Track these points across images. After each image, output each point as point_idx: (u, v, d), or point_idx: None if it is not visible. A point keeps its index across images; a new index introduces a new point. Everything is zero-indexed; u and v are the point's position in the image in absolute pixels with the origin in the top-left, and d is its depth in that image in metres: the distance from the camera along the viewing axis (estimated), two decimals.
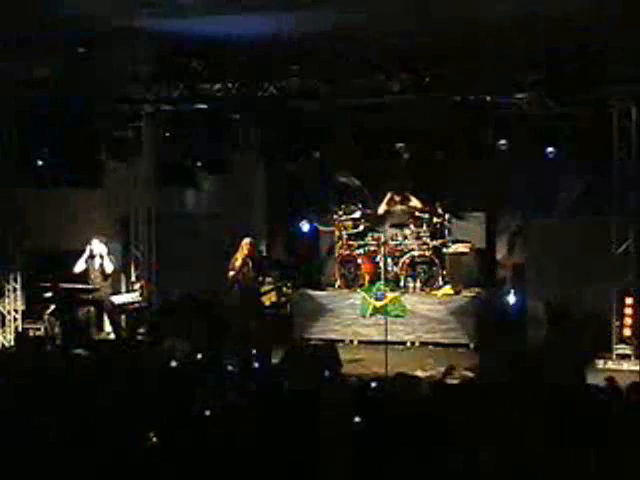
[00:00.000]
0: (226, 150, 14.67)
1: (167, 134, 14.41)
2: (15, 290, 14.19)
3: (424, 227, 14.34)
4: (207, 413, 6.59)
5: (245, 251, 12.69)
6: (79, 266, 13.58)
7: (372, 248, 14.44)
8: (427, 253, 14.18)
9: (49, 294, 13.48)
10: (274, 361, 10.65)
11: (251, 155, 15.44)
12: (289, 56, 13.08)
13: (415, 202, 14.44)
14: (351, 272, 14.51)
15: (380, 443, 5.79)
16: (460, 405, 6.86)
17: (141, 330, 13.90)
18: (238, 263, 12.75)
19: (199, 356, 9.87)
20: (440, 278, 14.09)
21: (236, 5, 10.73)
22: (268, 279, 13.06)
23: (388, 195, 14.55)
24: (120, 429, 6.17)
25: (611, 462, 5.69)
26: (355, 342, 13.90)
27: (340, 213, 14.79)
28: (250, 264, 12.75)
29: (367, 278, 14.24)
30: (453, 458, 5.62)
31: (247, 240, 12.84)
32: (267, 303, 13.03)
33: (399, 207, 14.52)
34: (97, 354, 10.88)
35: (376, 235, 14.46)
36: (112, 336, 13.85)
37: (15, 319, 14.15)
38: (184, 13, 11.04)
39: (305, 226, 15.27)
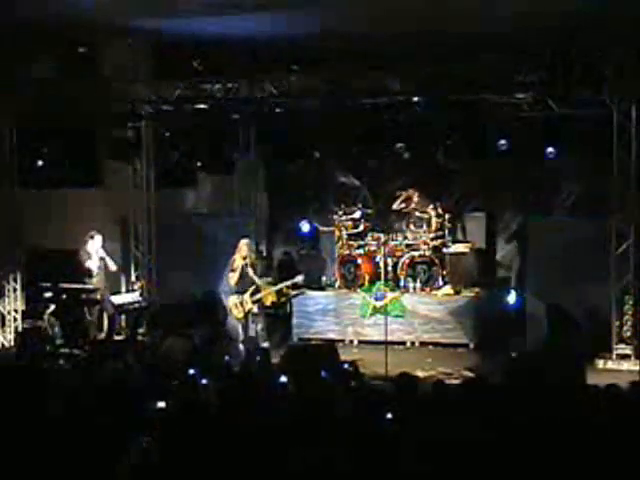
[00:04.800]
0: (226, 150, 14.68)
1: (167, 134, 14.41)
2: (15, 290, 14.20)
3: (424, 227, 14.35)
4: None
5: (243, 252, 12.70)
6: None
7: (372, 248, 14.44)
8: (427, 253, 14.18)
9: (49, 294, 13.45)
10: (274, 361, 10.65)
11: (251, 155, 15.46)
12: (289, 56, 13.09)
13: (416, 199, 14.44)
14: (351, 272, 14.51)
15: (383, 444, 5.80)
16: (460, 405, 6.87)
17: (141, 330, 13.90)
18: (237, 264, 12.75)
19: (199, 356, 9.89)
20: (440, 278, 14.09)
21: (236, 5, 10.73)
22: (268, 279, 13.04)
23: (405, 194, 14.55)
24: (120, 428, 6.17)
25: (611, 462, 5.70)
26: (355, 342, 13.90)
27: (340, 213, 14.79)
28: (249, 264, 12.75)
29: (367, 278, 14.24)
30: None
31: (244, 241, 12.84)
32: (267, 303, 13.01)
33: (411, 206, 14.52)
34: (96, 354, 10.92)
35: (376, 235, 14.47)
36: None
37: (15, 319, 14.15)
38: (184, 13, 11.04)
39: (305, 226, 15.28)
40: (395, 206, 14.60)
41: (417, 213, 14.47)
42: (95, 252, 13.25)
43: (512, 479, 5.63)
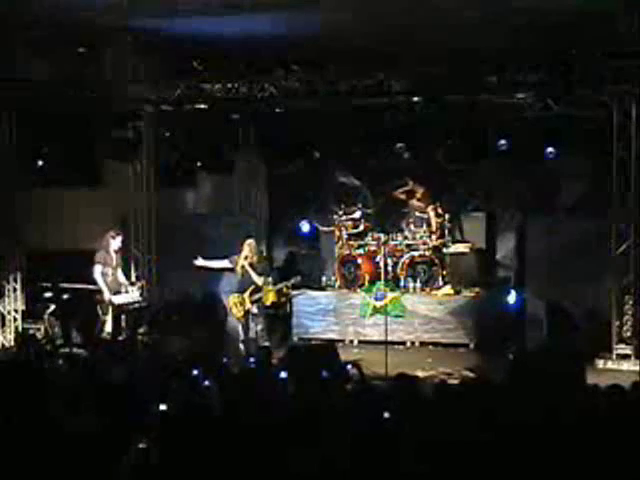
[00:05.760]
0: (226, 150, 14.68)
1: (167, 134, 14.41)
2: (15, 290, 14.19)
3: (424, 227, 14.35)
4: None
5: (246, 252, 12.70)
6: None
7: (372, 248, 14.45)
8: (427, 253, 14.18)
9: (49, 294, 13.44)
10: (274, 361, 10.64)
11: (251, 155, 15.45)
12: (289, 56, 13.09)
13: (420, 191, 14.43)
14: (351, 272, 14.51)
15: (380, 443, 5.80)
16: (461, 405, 6.87)
17: (141, 330, 13.88)
18: (239, 263, 12.76)
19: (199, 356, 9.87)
20: (440, 278, 14.09)
21: (235, 5, 10.74)
22: (268, 279, 13.06)
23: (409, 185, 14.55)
24: (120, 428, 6.17)
25: (611, 462, 5.69)
26: (355, 342, 13.91)
27: (340, 213, 14.80)
28: (251, 264, 12.76)
29: (367, 278, 14.24)
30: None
31: (250, 241, 12.85)
32: (267, 303, 13.02)
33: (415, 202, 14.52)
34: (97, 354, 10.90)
35: (376, 235, 14.47)
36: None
37: (15, 319, 14.15)
38: (184, 13, 11.05)
39: (305, 226, 15.29)
40: (396, 194, 14.60)
41: (417, 213, 14.48)
42: (114, 252, 13.18)
43: (512, 479, 5.63)
